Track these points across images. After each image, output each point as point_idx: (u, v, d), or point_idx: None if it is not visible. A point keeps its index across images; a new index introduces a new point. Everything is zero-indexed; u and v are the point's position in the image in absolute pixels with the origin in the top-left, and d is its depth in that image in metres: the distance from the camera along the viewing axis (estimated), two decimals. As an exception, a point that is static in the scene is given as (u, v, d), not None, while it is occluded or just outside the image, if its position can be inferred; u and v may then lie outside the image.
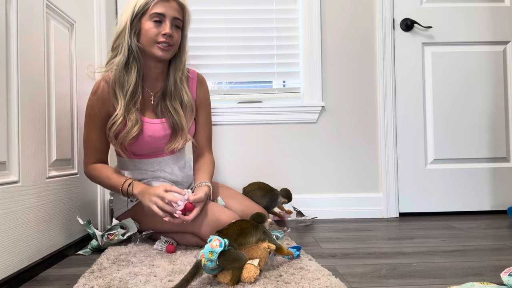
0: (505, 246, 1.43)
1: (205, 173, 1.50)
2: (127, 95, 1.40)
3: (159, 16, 1.38)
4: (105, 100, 1.43)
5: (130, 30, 1.39)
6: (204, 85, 1.61)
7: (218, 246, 0.97)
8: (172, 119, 1.47)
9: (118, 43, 1.42)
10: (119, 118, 1.39)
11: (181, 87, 1.50)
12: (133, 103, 1.42)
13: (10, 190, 1.07)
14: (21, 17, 1.13)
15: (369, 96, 2.13)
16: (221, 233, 1.03)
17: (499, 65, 2.15)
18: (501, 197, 2.14)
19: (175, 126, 1.48)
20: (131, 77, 1.41)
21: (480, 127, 2.14)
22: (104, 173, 1.46)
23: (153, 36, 1.39)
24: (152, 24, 1.39)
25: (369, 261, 1.26)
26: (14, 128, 1.10)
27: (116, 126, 1.40)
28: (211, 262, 0.96)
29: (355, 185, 2.12)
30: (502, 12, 2.15)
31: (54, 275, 1.17)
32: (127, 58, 1.40)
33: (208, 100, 1.62)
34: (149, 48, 1.41)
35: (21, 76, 1.13)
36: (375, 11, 2.13)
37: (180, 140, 1.48)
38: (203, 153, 1.58)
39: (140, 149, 1.49)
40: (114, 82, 1.41)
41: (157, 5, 1.38)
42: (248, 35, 2.15)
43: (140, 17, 1.40)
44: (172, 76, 1.49)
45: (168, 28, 1.39)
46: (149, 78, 1.49)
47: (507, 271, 0.92)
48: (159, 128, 1.47)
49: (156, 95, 1.50)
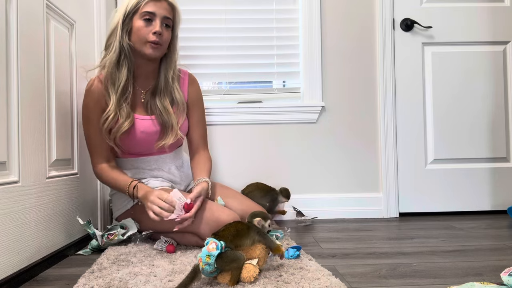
0: (505, 246, 1.43)
1: (203, 169, 1.52)
2: (118, 91, 1.43)
3: (150, 14, 1.41)
4: (98, 98, 1.46)
5: (122, 29, 1.43)
6: (195, 84, 1.64)
7: (215, 249, 0.96)
8: (162, 116, 1.49)
9: (110, 41, 1.46)
10: (111, 113, 1.42)
11: (172, 85, 1.52)
12: (124, 98, 1.45)
13: (10, 190, 1.07)
14: (21, 17, 1.13)
15: (369, 96, 2.13)
16: (217, 235, 1.01)
17: (499, 65, 2.15)
18: (501, 197, 2.14)
19: (164, 123, 1.50)
20: (122, 74, 1.43)
21: (480, 127, 2.14)
22: (111, 176, 1.47)
23: (143, 34, 1.42)
24: (143, 23, 1.42)
25: (369, 261, 1.26)
26: (14, 128, 1.09)
27: (109, 122, 1.42)
28: (209, 266, 0.96)
29: (355, 185, 2.12)
30: (502, 12, 2.15)
31: (54, 275, 1.17)
32: (118, 56, 1.43)
33: (201, 99, 1.65)
34: (139, 46, 1.44)
35: (21, 76, 1.13)
36: (375, 11, 2.13)
37: (170, 137, 1.50)
38: (198, 151, 1.61)
39: (134, 146, 1.50)
40: (106, 79, 1.44)
41: (148, 4, 1.41)
42: (248, 35, 2.15)
43: (132, 16, 1.43)
44: (163, 75, 1.52)
45: (158, 26, 1.42)
46: (140, 76, 1.52)
47: (507, 271, 0.92)
48: (150, 124, 1.50)
49: (146, 93, 1.53)
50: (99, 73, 1.49)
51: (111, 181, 1.47)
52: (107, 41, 1.48)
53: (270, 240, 1.11)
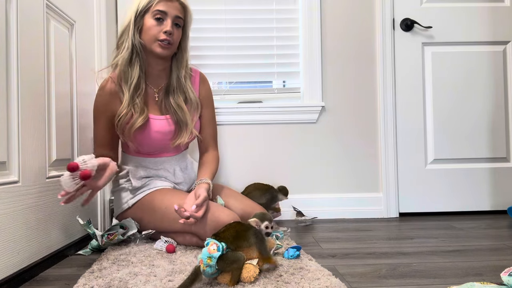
0: (505, 246, 1.43)
1: (208, 169, 1.53)
2: (131, 88, 1.45)
3: (161, 13, 1.43)
4: (111, 98, 1.48)
5: (134, 27, 1.45)
6: (206, 83, 1.68)
7: (216, 250, 0.96)
8: (176, 115, 1.51)
9: (122, 40, 1.48)
10: (124, 109, 1.44)
11: (185, 84, 1.55)
12: (137, 95, 1.47)
13: (10, 190, 1.06)
14: (21, 17, 1.13)
15: (369, 96, 2.13)
16: (217, 237, 1.01)
17: (499, 65, 2.15)
18: (501, 197, 2.13)
19: (179, 122, 1.52)
20: (134, 71, 1.46)
21: (480, 127, 2.14)
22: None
23: (154, 33, 1.44)
24: (154, 22, 1.44)
25: (369, 261, 1.26)
26: (14, 128, 1.09)
27: (123, 119, 1.45)
28: (210, 268, 0.95)
29: (355, 185, 2.12)
30: (502, 12, 2.15)
31: (54, 275, 1.17)
32: (130, 54, 1.46)
33: (211, 98, 1.68)
34: (150, 45, 1.46)
35: (21, 76, 1.13)
36: (375, 11, 2.13)
37: (186, 135, 1.52)
38: (208, 150, 1.63)
39: (148, 145, 1.52)
40: (119, 77, 1.47)
41: (160, 3, 1.43)
42: (248, 35, 2.15)
43: (143, 15, 1.45)
44: (174, 74, 1.54)
45: (169, 26, 1.44)
46: (151, 75, 1.54)
47: (507, 271, 0.92)
48: (165, 124, 1.52)
49: (159, 92, 1.55)
50: (112, 73, 1.51)
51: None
52: (118, 40, 1.50)
53: (264, 247, 1.07)
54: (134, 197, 1.51)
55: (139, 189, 1.52)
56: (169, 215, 1.41)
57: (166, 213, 1.42)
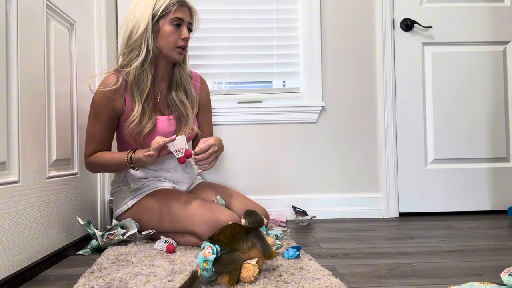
0: (505, 246, 1.43)
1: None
2: (143, 96, 1.44)
3: (179, 20, 1.46)
4: (116, 95, 1.45)
5: (152, 31, 1.44)
6: (206, 85, 1.71)
7: (211, 253, 0.96)
8: (178, 111, 1.53)
9: (135, 43, 1.44)
10: (136, 118, 1.43)
11: (186, 80, 1.57)
12: (147, 103, 1.46)
13: (10, 190, 1.07)
14: (21, 17, 1.13)
15: (369, 96, 2.13)
16: (212, 239, 1.00)
17: (499, 65, 2.15)
18: (501, 197, 2.14)
19: (180, 118, 1.53)
20: (148, 77, 1.45)
21: (480, 127, 2.14)
22: (107, 156, 1.47)
23: (174, 40, 1.46)
24: (173, 28, 1.46)
25: (369, 261, 1.26)
26: (14, 128, 1.10)
27: (133, 126, 1.43)
28: (207, 271, 0.95)
29: (355, 185, 2.12)
30: (502, 12, 2.15)
31: (54, 275, 1.17)
32: (144, 59, 1.44)
33: (210, 100, 1.72)
34: (168, 51, 1.47)
35: (21, 76, 1.13)
36: (375, 11, 2.13)
37: (186, 131, 1.53)
38: None
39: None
40: (132, 81, 1.44)
41: (178, 10, 1.45)
42: (248, 35, 2.15)
43: (159, 19, 1.45)
44: (177, 72, 1.56)
45: (187, 32, 1.48)
46: (157, 77, 1.54)
47: (507, 271, 0.92)
48: (166, 125, 1.52)
49: (161, 93, 1.55)
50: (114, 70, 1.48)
51: (108, 160, 1.46)
52: (127, 42, 1.46)
53: (266, 246, 1.07)
54: (133, 198, 1.51)
55: (138, 190, 1.52)
56: (168, 216, 1.41)
57: (165, 214, 1.42)
